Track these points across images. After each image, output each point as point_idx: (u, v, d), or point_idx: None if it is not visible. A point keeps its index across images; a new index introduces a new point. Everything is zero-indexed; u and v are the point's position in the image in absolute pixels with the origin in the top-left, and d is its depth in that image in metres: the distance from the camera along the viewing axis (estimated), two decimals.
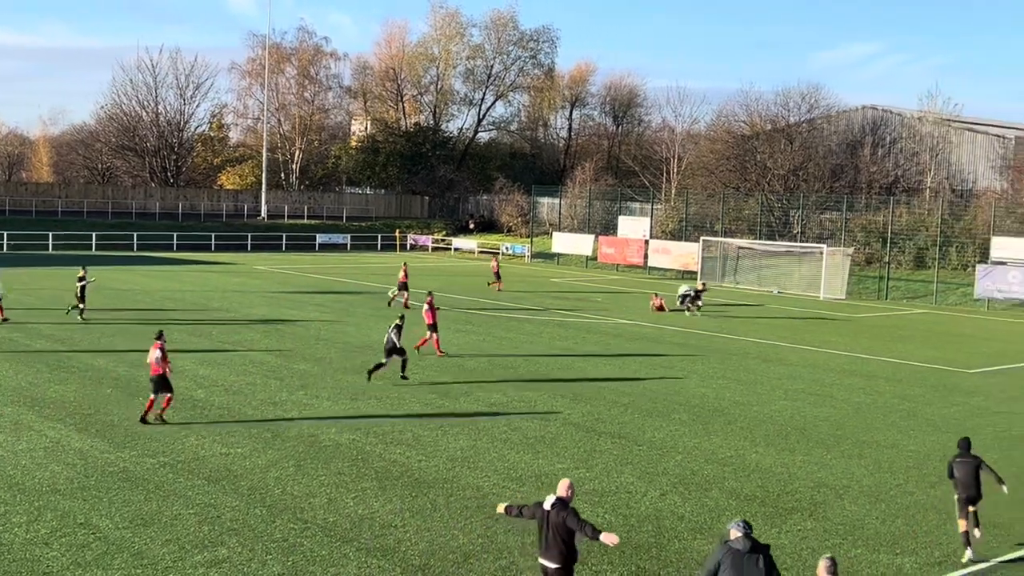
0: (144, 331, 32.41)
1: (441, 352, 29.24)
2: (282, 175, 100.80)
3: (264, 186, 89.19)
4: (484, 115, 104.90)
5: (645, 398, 24.51)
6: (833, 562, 9.72)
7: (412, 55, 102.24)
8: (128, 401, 22.15)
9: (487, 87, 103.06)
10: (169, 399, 20.45)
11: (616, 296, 50.57)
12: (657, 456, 19.19)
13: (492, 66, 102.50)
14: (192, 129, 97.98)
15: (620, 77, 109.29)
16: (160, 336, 20.66)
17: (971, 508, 14.68)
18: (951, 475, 14.95)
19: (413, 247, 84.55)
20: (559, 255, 73.76)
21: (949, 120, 70.21)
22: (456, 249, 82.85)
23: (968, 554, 14.36)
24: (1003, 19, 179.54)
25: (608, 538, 10.85)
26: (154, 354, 20.14)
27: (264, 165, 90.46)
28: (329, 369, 26.88)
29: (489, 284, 50.66)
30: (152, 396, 20.36)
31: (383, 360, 25.11)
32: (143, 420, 20.20)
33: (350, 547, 13.89)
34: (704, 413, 23.15)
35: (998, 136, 69.98)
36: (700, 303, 42.89)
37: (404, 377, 25.25)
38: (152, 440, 18.99)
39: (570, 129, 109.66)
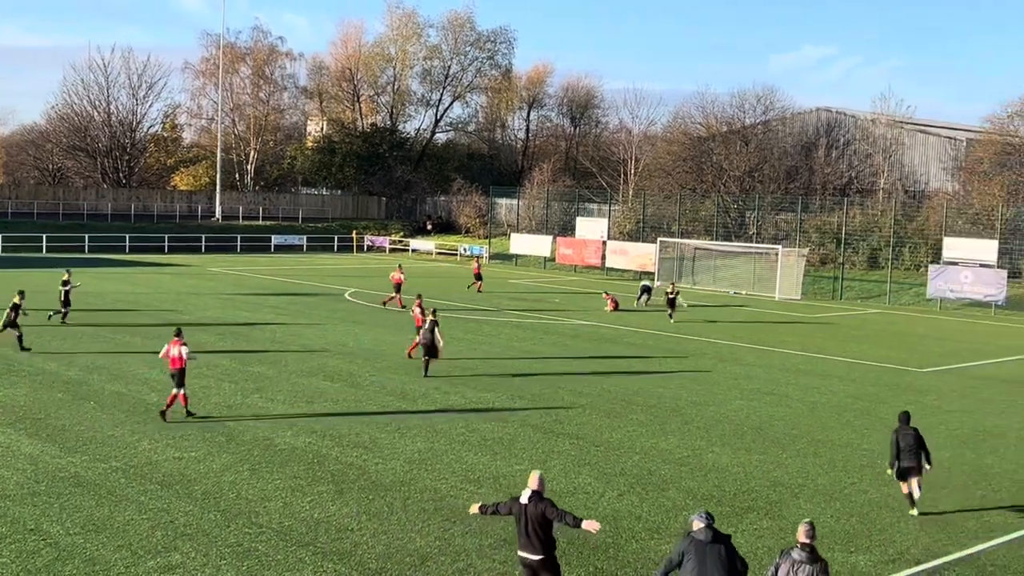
0: (95, 333, 32.01)
1: (411, 356, 29.09)
2: (237, 176, 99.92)
3: (218, 187, 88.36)
4: (441, 116, 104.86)
5: (602, 399, 24.55)
6: (812, 526, 10.35)
7: (368, 55, 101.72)
8: (79, 405, 21.82)
9: (444, 88, 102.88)
10: (176, 395, 20.81)
11: (574, 297, 50.67)
12: (614, 457, 19.22)
13: (449, 67, 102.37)
14: (145, 129, 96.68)
15: (577, 78, 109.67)
16: (179, 333, 21.20)
17: (916, 486, 15.86)
18: (897, 446, 15.97)
19: (370, 248, 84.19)
20: (517, 256, 73.79)
21: (902, 122, 71.14)
22: (414, 250, 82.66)
23: (914, 512, 16.01)
24: (954, 22, 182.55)
25: (590, 525, 10.92)
26: (183, 350, 20.60)
27: (218, 166, 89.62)
28: (284, 372, 26.65)
29: (469, 287, 51.19)
30: (179, 391, 20.71)
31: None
32: (189, 413, 20.87)
33: (306, 551, 13.76)
34: (661, 413, 23.23)
35: (949, 138, 71.00)
36: (672, 310, 41.07)
37: (420, 358, 27.20)
38: (104, 445, 18.71)
39: (528, 130, 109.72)
